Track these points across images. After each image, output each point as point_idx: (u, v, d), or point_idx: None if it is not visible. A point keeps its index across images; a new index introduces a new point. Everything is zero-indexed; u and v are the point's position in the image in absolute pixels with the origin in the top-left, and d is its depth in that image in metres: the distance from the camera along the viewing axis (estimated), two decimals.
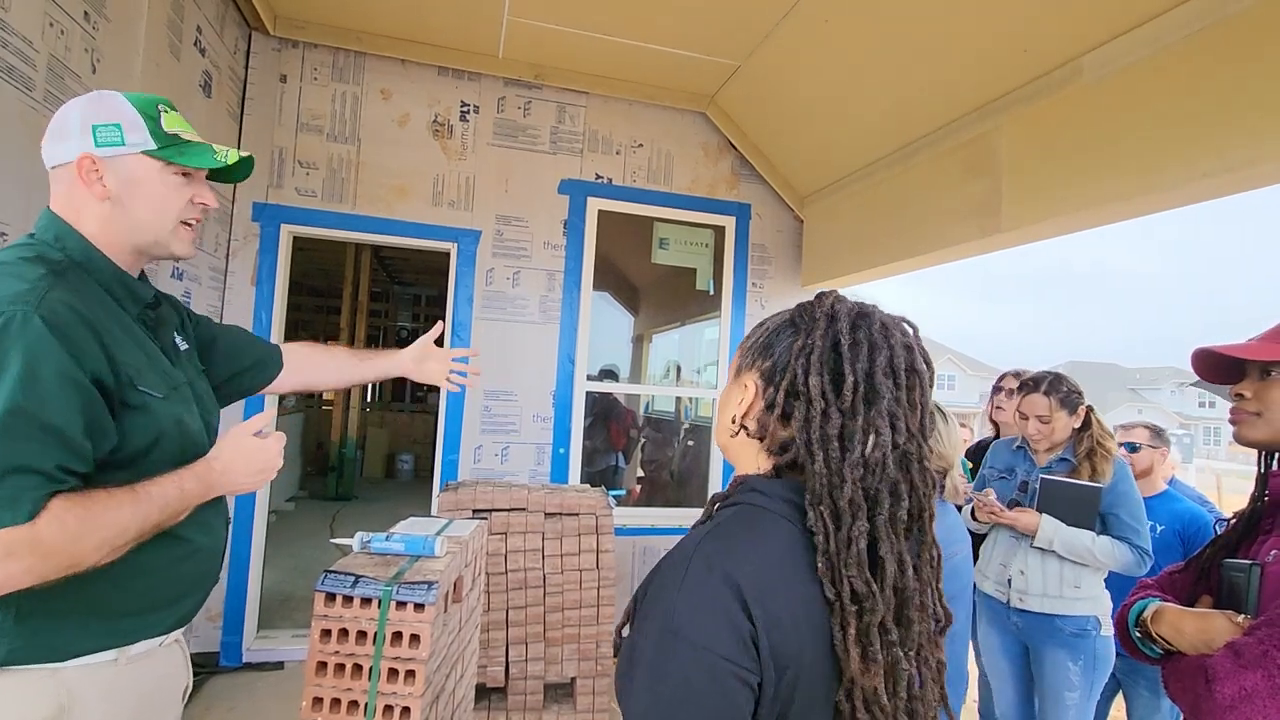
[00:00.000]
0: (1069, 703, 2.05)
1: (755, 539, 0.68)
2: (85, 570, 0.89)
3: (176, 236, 1.08)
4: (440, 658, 1.52)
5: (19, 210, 1.71)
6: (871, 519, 0.68)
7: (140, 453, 0.98)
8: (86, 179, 1.00)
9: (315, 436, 8.86)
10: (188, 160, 1.05)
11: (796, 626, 0.64)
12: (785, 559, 0.67)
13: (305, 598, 3.90)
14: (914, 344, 0.74)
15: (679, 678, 0.61)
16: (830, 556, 0.66)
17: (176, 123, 1.08)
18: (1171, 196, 2.00)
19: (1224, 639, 1.03)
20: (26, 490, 0.83)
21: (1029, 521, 2.09)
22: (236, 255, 3.18)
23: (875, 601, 0.65)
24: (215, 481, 1.05)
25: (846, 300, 0.77)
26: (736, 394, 0.79)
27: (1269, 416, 1.11)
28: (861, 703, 0.64)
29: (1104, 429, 2.18)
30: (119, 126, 1.01)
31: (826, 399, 0.70)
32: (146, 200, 1.04)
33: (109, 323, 0.97)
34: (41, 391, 0.84)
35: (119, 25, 2.13)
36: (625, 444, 4.67)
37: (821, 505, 0.68)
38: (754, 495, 0.72)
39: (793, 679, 0.63)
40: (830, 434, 0.69)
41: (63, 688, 0.93)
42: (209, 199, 1.11)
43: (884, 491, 0.69)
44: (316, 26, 3.26)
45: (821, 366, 0.71)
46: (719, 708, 0.61)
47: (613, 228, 3.78)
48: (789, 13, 2.79)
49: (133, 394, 0.96)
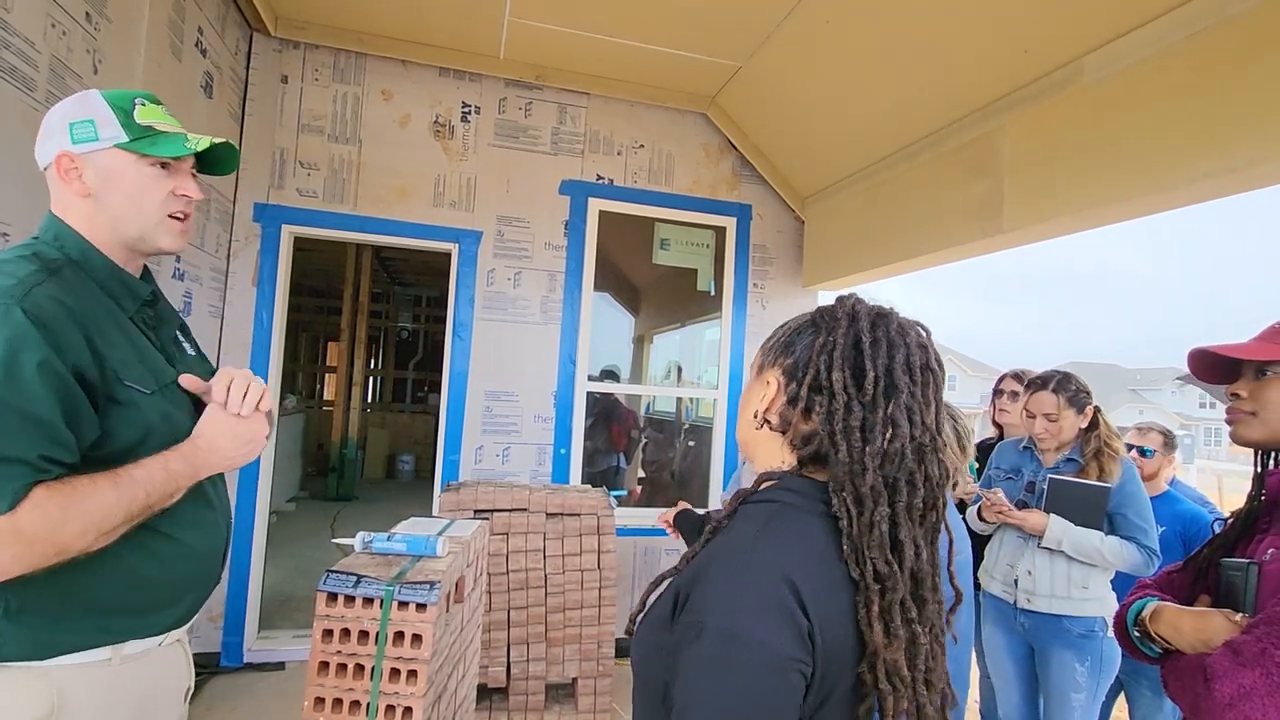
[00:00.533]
0: (1075, 704, 2.03)
1: (800, 539, 0.72)
2: (77, 556, 0.89)
3: (163, 230, 1.07)
4: (442, 658, 1.52)
5: (21, 211, 1.71)
6: (891, 505, 0.72)
7: (128, 449, 0.98)
8: (66, 177, 1.01)
9: (316, 437, 8.86)
10: (159, 150, 1.04)
11: (842, 621, 0.69)
12: (825, 553, 0.71)
13: (306, 598, 3.90)
14: (929, 344, 0.79)
15: (745, 675, 0.63)
16: (854, 539, 0.71)
17: (152, 115, 1.07)
18: (1173, 197, 2.00)
19: (1222, 638, 1.03)
20: (9, 480, 0.84)
21: (1037, 522, 2.08)
22: (237, 256, 3.18)
23: (896, 581, 0.70)
24: (202, 460, 1.04)
25: (866, 302, 0.81)
26: (759, 390, 0.82)
27: (1264, 416, 1.12)
28: (884, 674, 0.68)
29: (1111, 429, 2.17)
30: (92, 122, 1.01)
31: (849, 392, 0.74)
32: (123, 193, 1.03)
33: (100, 319, 0.97)
34: (22, 382, 0.85)
35: (120, 26, 2.13)
36: (626, 444, 4.67)
37: (844, 492, 0.72)
38: (786, 494, 0.76)
39: (837, 670, 0.68)
40: (852, 425, 0.73)
41: (54, 686, 0.93)
42: (191, 190, 1.10)
43: (902, 480, 0.73)
44: (317, 27, 3.26)
45: (844, 362, 0.75)
46: (779, 703, 0.64)
47: (614, 228, 3.78)
48: (790, 13, 2.79)
49: (119, 389, 0.96)
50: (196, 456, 1.03)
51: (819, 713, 0.68)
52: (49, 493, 0.86)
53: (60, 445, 0.89)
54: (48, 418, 0.87)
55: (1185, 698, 1.06)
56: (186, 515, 1.05)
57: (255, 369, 3.17)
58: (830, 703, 0.68)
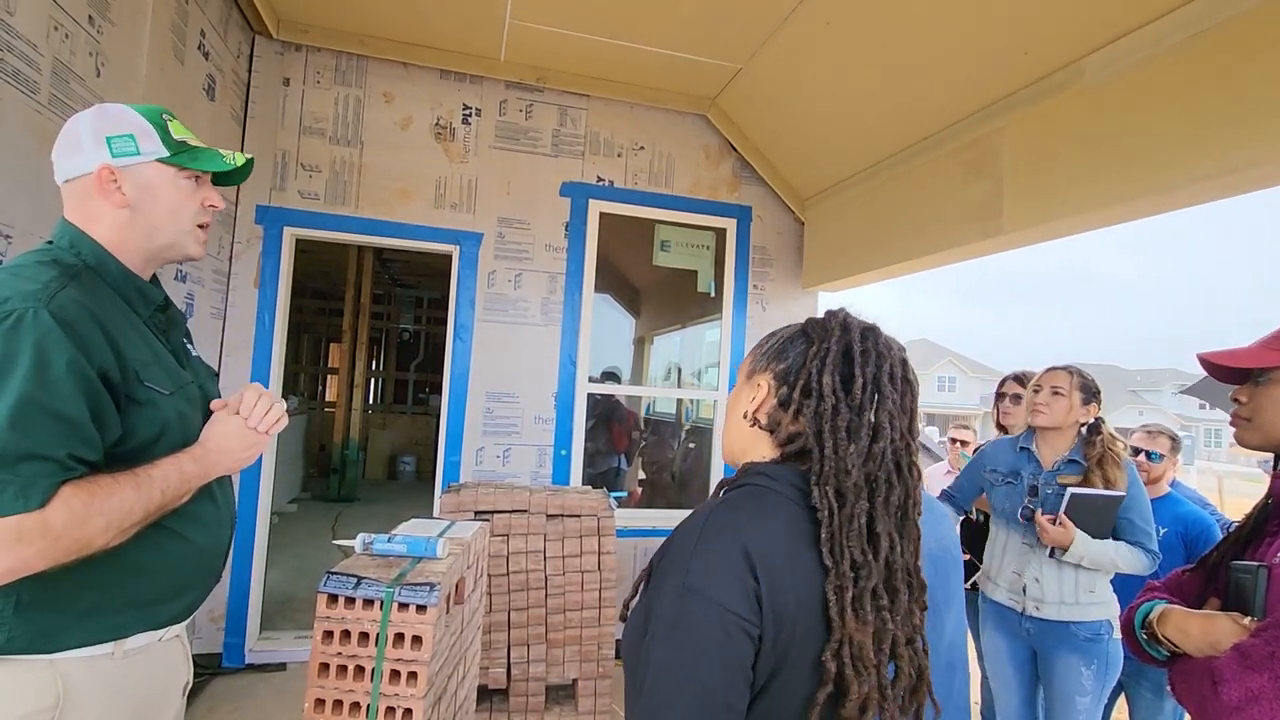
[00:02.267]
0: (1080, 707, 2.01)
1: (761, 512, 0.78)
2: (95, 552, 0.93)
3: (192, 238, 1.14)
4: (442, 659, 1.52)
5: (24, 212, 1.71)
6: (871, 500, 0.78)
7: (145, 445, 1.01)
8: (105, 189, 1.05)
9: (318, 438, 8.87)
10: (200, 165, 1.11)
11: (796, 589, 0.73)
12: (789, 531, 0.76)
13: (307, 599, 3.90)
14: (907, 359, 0.87)
15: (695, 629, 0.70)
16: (833, 530, 0.76)
17: (181, 130, 1.13)
18: (1174, 198, 2.00)
19: (1230, 641, 1.02)
20: (39, 478, 0.87)
21: (1062, 538, 2.01)
22: (240, 258, 3.19)
23: (871, 570, 0.75)
24: (212, 461, 1.09)
25: (856, 316, 0.88)
26: (749, 392, 0.89)
27: (1258, 421, 1.13)
28: (848, 657, 0.72)
29: (1113, 435, 2.14)
30: (133, 137, 1.06)
31: (837, 396, 0.80)
32: (163, 205, 1.09)
33: (119, 322, 1.01)
34: (52, 382, 0.88)
35: (123, 29, 2.14)
36: (627, 446, 4.67)
37: (827, 486, 0.77)
38: (760, 478, 0.82)
39: (789, 635, 0.72)
40: (840, 425, 0.79)
41: (59, 678, 0.95)
42: (217, 201, 1.17)
43: (881, 479, 0.79)
44: (319, 30, 3.27)
45: (834, 368, 0.82)
46: (728, 656, 0.70)
47: (614, 230, 3.78)
48: (790, 15, 2.80)
49: (139, 389, 1.00)
50: (207, 459, 1.08)
51: (773, 681, 0.72)
52: (75, 490, 0.89)
53: (87, 444, 0.92)
54: (76, 417, 0.90)
55: (1193, 701, 1.06)
56: (190, 511, 1.08)
57: (257, 370, 3.19)
58: (784, 672, 0.72)
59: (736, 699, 0.70)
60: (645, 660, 0.72)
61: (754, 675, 0.71)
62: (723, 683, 0.69)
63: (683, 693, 0.69)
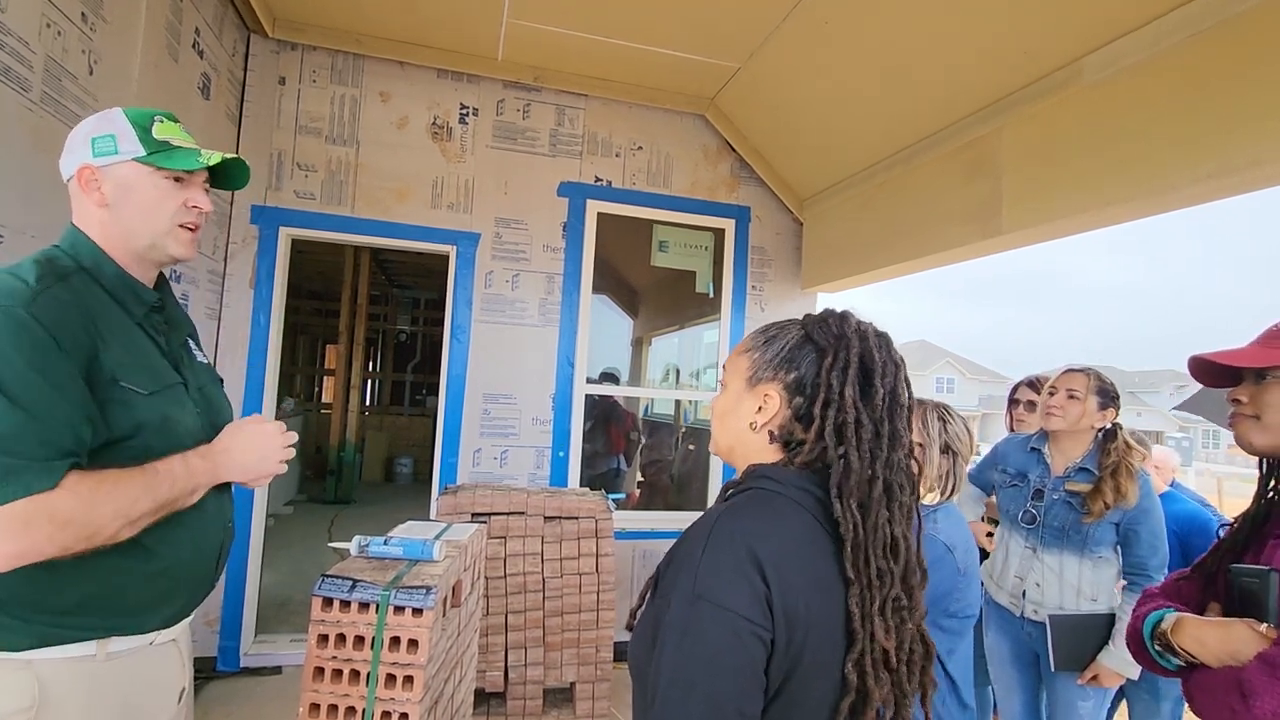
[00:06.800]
0: (1082, 712, 2.00)
1: (769, 516, 0.77)
2: (105, 543, 0.94)
3: (173, 239, 1.13)
4: (439, 663, 1.51)
5: (17, 211, 1.70)
6: (890, 509, 0.79)
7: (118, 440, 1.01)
8: (86, 188, 1.08)
9: (314, 440, 8.84)
10: (173, 163, 1.11)
11: (807, 594, 0.72)
12: (799, 536, 0.76)
13: (303, 602, 3.88)
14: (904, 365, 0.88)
15: (705, 635, 0.69)
16: (858, 542, 0.75)
17: (169, 131, 1.14)
18: (1174, 198, 1.99)
19: (1252, 650, 1.00)
20: (46, 461, 0.89)
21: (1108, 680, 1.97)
22: (235, 258, 3.17)
23: (892, 578, 0.76)
24: (219, 462, 1.11)
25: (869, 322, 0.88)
26: (754, 402, 0.87)
27: (1267, 420, 1.10)
28: (870, 665, 0.73)
29: (1130, 443, 2.06)
30: (113, 137, 1.08)
31: (859, 409, 0.80)
32: (138, 204, 1.10)
33: (105, 323, 1.02)
34: (49, 374, 0.91)
35: (117, 27, 2.12)
36: (626, 447, 4.66)
37: (851, 500, 0.77)
38: (766, 481, 0.81)
39: (801, 640, 0.71)
40: (864, 438, 0.79)
41: (35, 678, 0.95)
42: (202, 202, 1.16)
43: (896, 485, 0.80)
44: (315, 29, 3.26)
45: (855, 380, 0.81)
46: (739, 662, 0.69)
47: (612, 230, 3.77)
48: (789, 15, 2.79)
49: (114, 389, 1.01)
50: (215, 458, 1.11)
51: (786, 685, 0.72)
52: (80, 476, 0.92)
53: (81, 435, 0.95)
54: (72, 406, 0.93)
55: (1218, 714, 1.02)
56: (176, 516, 1.06)
57: (252, 371, 3.17)
58: (797, 677, 0.72)
59: (750, 705, 0.69)
60: (656, 668, 0.71)
61: (767, 680, 0.71)
62: (735, 689, 0.68)
63: (695, 700, 0.68)
